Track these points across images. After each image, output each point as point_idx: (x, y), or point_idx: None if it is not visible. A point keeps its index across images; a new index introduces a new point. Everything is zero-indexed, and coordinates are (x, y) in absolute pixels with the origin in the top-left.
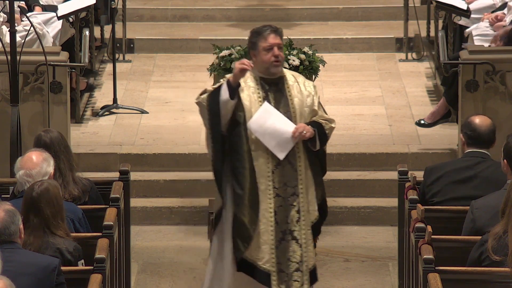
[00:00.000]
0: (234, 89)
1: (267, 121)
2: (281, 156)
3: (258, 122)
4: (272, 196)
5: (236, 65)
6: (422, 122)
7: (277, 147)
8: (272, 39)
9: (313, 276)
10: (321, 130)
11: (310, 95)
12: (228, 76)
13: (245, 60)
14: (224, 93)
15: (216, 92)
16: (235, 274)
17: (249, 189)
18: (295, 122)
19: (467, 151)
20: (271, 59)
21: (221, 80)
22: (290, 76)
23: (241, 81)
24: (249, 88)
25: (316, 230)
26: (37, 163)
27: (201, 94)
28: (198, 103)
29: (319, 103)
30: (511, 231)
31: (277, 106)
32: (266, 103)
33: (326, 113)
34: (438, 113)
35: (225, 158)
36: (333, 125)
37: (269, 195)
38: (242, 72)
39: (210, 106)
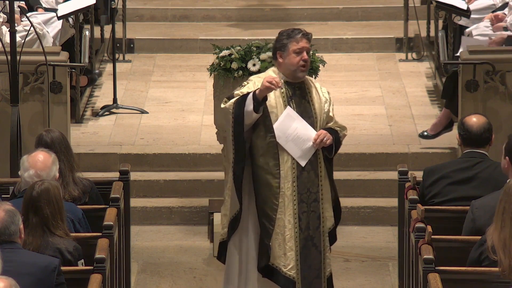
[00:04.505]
0: (259, 103)
1: (289, 127)
2: (302, 163)
3: (280, 128)
4: (297, 202)
5: (264, 81)
6: (426, 134)
7: (299, 154)
8: (304, 43)
9: (330, 283)
10: (337, 138)
11: (327, 101)
12: (253, 77)
13: (274, 79)
14: (249, 105)
15: (241, 101)
16: (259, 280)
17: (273, 196)
18: (317, 128)
19: (465, 151)
20: (299, 63)
21: (244, 83)
22: (309, 81)
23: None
24: (274, 92)
25: (332, 237)
26: (48, 165)
27: (228, 98)
28: (224, 109)
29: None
30: (502, 231)
31: (300, 111)
32: (288, 108)
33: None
34: (441, 124)
35: (254, 164)
36: (345, 132)
37: (294, 200)
38: (269, 90)
39: (235, 114)
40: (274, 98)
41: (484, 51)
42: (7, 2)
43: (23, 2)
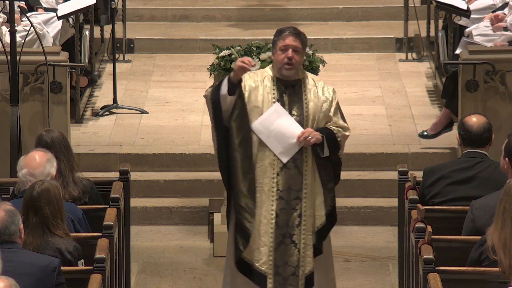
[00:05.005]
0: (233, 85)
1: (273, 123)
2: (284, 159)
3: (264, 123)
4: (275, 198)
5: (238, 62)
6: (425, 133)
7: (280, 150)
8: (290, 40)
9: (309, 282)
10: (331, 137)
11: (327, 100)
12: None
13: (246, 58)
14: (224, 88)
15: (218, 85)
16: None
17: (248, 189)
18: (306, 126)
19: (465, 151)
20: (284, 60)
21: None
22: (310, 79)
23: (258, 79)
24: (264, 88)
25: (321, 235)
26: (40, 163)
27: (210, 88)
28: (205, 96)
29: (338, 109)
30: (502, 231)
31: (290, 109)
32: (277, 103)
33: (344, 120)
34: (441, 124)
35: (231, 151)
36: (347, 133)
37: (272, 196)
38: (242, 69)
39: (213, 99)
40: (261, 94)
41: (484, 51)
42: (7, 2)
43: (23, 2)
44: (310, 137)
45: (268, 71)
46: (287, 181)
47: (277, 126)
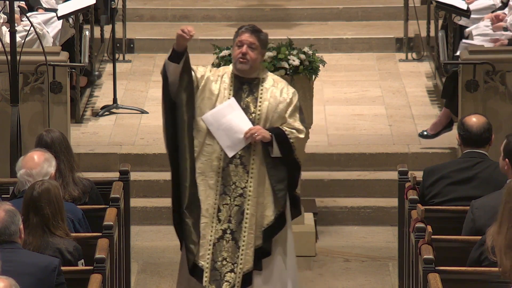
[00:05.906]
0: (177, 54)
1: (225, 116)
2: (230, 153)
3: (215, 115)
4: (219, 193)
5: (178, 30)
6: (425, 133)
7: (228, 144)
8: (245, 36)
9: (247, 280)
10: (281, 137)
11: (284, 101)
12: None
13: (186, 27)
14: (168, 55)
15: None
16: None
17: (190, 184)
18: (257, 125)
19: (465, 151)
20: (238, 56)
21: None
22: (270, 79)
23: (219, 75)
24: (222, 83)
25: (268, 235)
26: (38, 163)
27: None
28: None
29: (296, 112)
30: (508, 232)
31: (243, 106)
32: (233, 98)
33: (302, 123)
34: (441, 124)
35: (179, 130)
36: (301, 135)
37: (216, 191)
38: (181, 38)
39: (162, 73)
40: (218, 88)
41: (484, 51)
42: (7, 2)
43: (23, 2)
44: (256, 134)
45: (230, 68)
46: (232, 178)
47: (227, 120)
